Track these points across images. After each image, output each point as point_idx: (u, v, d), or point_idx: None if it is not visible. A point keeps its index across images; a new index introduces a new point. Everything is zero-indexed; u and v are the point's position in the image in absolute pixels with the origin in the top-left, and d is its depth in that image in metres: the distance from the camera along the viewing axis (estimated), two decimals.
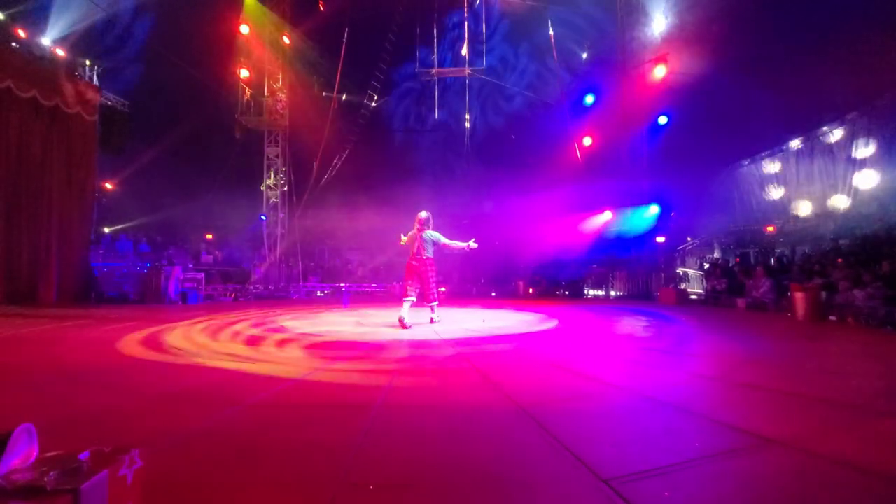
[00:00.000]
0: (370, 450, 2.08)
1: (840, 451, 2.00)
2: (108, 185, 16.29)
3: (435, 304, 6.94)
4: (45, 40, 11.79)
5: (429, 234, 6.83)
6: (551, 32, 15.08)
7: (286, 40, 15.71)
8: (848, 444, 2.13)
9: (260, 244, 16.18)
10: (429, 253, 6.80)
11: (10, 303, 10.01)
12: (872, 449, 2.08)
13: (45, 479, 1.11)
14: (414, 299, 6.74)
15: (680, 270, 14.86)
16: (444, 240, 6.88)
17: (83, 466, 1.18)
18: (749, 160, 16.46)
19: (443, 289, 16.35)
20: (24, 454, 1.23)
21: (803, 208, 14.35)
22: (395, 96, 16.77)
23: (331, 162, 16.96)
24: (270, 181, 16.09)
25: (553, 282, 15.43)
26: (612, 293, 14.90)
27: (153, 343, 5.09)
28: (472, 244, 6.85)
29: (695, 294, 13.03)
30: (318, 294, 15.84)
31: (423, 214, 6.85)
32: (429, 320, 6.89)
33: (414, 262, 6.81)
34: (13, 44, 11.01)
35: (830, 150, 13.54)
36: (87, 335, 5.80)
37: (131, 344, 5.04)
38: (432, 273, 6.85)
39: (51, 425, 2.18)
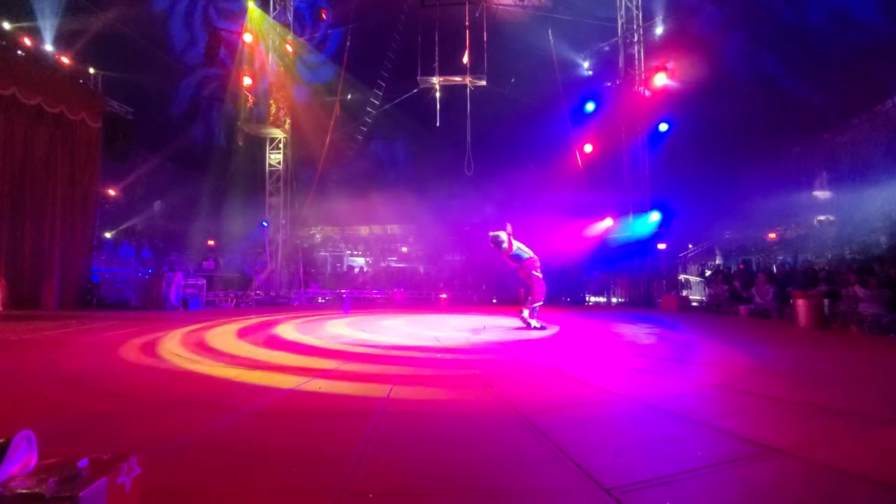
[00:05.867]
0: (371, 458, 2.07)
1: (844, 461, 1.99)
2: (111, 192, 16.36)
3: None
4: (50, 48, 11.91)
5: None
6: (552, 40, 15.16)
7: (289, 48, 15.83)
8: (852, 453, 2.12)
9: (261, 250, 16.19)
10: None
11: (13, 308, 10.03)
12: (876, 458, 2.07)
13: (44, 486, 1.11)
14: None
15: (682, 277, 14.82)
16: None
17: (82, 474, 1.18)
18: (751, 166, 16.48)
19: (444, 295, 16.37)
20: (23, 461, 1.23)
21: (805, 215, 14.33)
22: (396, 103, 16.84)
23: (332, 168, 17.01)
24: (272, 187, 16.13)
25: (554, 288, 15.38)
26: (614, 300, 14.86)
27: (153, 349, 5.09)
28: None
29: (696, 301, 12.99)
30: (320, 300, 15.82)
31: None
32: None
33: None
34: (19, 51, 11.13)
35: (833, 156, 13.56)
36: (87, 341, 5.79)
37: (132, 350, 5.03)
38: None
39: (50, 431, 2.17)
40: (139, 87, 14.80)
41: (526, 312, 7.07)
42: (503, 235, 7.11)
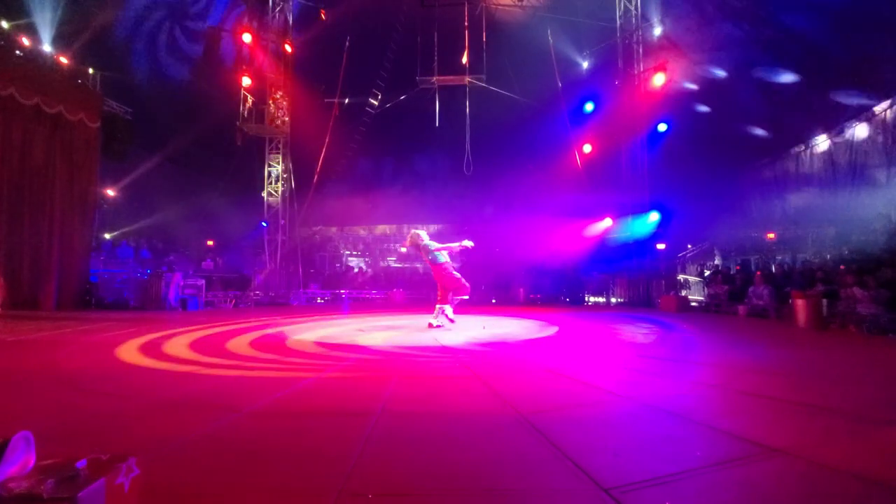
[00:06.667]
0: (370, 458, 2.07)
1: (843, 461, 1.99)
2: (110, 192, 16.34)
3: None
4: (48, 48, 11.88)
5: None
6: (551, 40, 15.17)
7: (288, 48, 15.82)
8: (851, 453, 2.12)
9: (260, 251, 16.18)
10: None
11: (11, 308, 10.01)
12: (875, 458, 2.07)
13: (43, 487, 1.11)
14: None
15: (681, 277, 14.83)
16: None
17: (80, 474, 1.18)
18: (750, 167, 16.52)
19: None
20: (21, 462, 1.22)
21: (804, 216, 14.36)
22: (396, 103, 16.84)
23: (332, 169, 16.99)
24: (271, 188, 16.14)
25: (554, 288, 15.40)
26: (613, 300, 14.86)
27: (152, 350, 5.08)
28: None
29: (695, 301, 13.00)
30: (319, 301, 15.81)
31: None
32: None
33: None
34: (17, 51, 11.10)
35: (831, 157, 13.59)
36: (86, 341, 5.79)
37: (130, 350, 5.02)
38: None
39: (48, 432, 2.17)
40: (138, 87, 14.78)
41: (448, 310, 7.40)
42: (423, 235, 7.70)
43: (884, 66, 11.00)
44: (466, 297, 7.54)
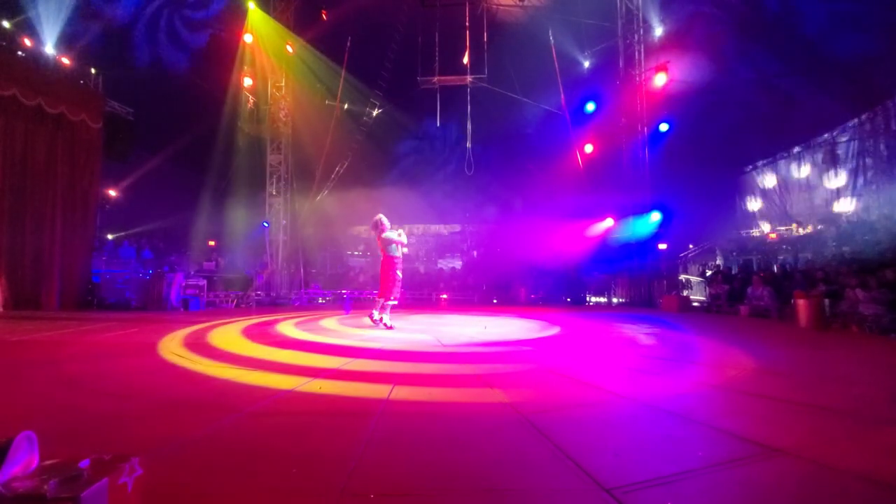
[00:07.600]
0: (371, 458, 2.07)
1: (844, 460, 1.99)
2: (112, 192, 16.38)
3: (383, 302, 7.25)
4: (51, 49, 11.91)
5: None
6: (552, 40, 15.17)
7: (289, 49, 15.84)
8: (853, 453, 2.12)
9: (262, 251, 16.20)
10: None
11: (14, 308, 10.04)
12: (878, 458, 2.07)
13: (46, 487, 1.11)
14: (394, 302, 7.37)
15: (682, 277, 14.82)
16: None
17: (83, 474, 1.19)
18: (751, 167, 16.50)
19: (444, 296, 16.39)
20: (24, 462, 1.23)
21: (805, 215, 14.35)
22: (397, 104, 16.87)
23: (333, 169, 17.02)
24: (273, 188, 16.16)
25: (555, 288, 15.40)
26: (614, 300, 14.85)
27: (154, 350, 5.09)
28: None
29: (697, 301, 12.99)
30: (320, 301, 15.82)
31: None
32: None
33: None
34: (19, 52, 11.13)
35: (831, 157, 13.57)
36: (88, 341, 5.80)
37: (132, 350, 5.03)
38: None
39: (51, 432, 2.18)
40: (140, 87, 14.80)
41: (377, 314, 7.17)
42: (384, 220, 7.48)
43: (884, 66, 10.98)
44: (394, 303, 7.43)
